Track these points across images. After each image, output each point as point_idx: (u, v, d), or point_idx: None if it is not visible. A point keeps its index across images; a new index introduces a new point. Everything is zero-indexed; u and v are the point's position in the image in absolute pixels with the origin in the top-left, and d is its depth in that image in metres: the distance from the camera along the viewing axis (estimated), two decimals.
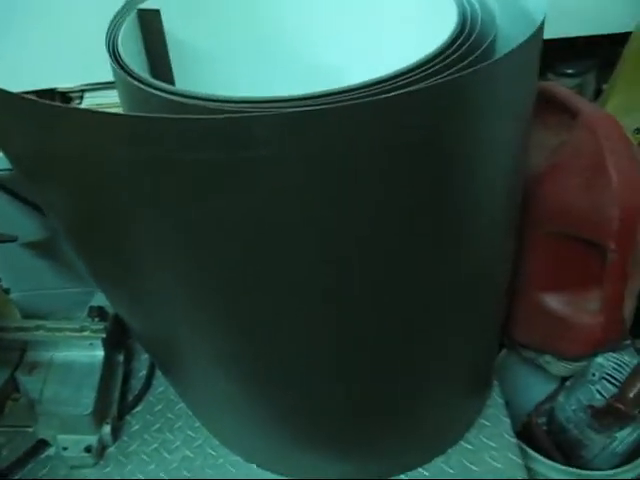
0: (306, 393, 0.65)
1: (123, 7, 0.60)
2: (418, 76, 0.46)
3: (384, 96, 0.40)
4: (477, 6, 0.55)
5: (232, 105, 0.44)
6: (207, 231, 0.47)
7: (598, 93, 0.97)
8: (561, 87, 0.76)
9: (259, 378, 0.64)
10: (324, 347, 0.58)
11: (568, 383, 0.84)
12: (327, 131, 0.40)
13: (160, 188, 0.44)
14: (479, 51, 0.49)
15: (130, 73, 0.51)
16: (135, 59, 0.58)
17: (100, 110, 0.39)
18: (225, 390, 0.67)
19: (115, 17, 0.59)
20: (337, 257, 0.49)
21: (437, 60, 0.48)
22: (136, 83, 0.49)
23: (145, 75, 0.50)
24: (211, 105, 0.45)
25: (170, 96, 0.47)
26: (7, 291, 0.92)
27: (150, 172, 0.43)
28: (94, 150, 0.42)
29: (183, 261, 0.51)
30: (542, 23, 0.49)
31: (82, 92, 0.92)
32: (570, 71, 0.93)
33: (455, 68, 0.47)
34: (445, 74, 0.46)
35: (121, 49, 0.54)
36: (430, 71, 0.47)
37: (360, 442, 0.72)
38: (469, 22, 0.53)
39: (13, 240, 0.92)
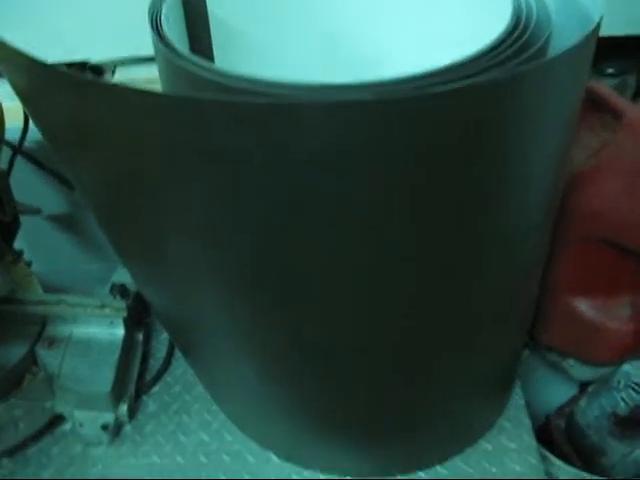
0: (329, 385, 0.64)
1: None
2: (471, 71, 0.45)
3: (439, 90, 0.39)
4: (532, 1, 0.53)
5: (280, 90, 0.43)
6: (239, 214, 0.46)
7: (637, 95, 0.95)
8: (604, 87, 0.75)
9: (282, 365, 0.63)
10: (351, 339, 0.57)
11: (591, 388, 0.83)
12: (372, 123, 0.39)
13: (195, 170, 0.43)
14: (533, 49, 0.47)
15: (174, 50, 0.50)
16: (176, 39, 0.57)
17: (141, 88, 0.38)
18: (245, 375, 0.66)
19: None
20: (372, 250, 0.48)
21: (489, 56, 0.47)
22: (179, 61, 0.48)
23: (189, 53, 0.49)
24: (259, 89, 0.43)
25: (215, 77, 0.45)
26: (29, 264, 0.91)
27: (186, 153, 0.42)
28: (130, 127, 0.41)
29: (212, 242, 0.50)
30: (599, 22, 0.47)
31: (114, 66, 0.91)
32: (610, 70, 0.91)
33: (508, 65, 0.45)
34: (497, 71, 0.45)
35: (165, 26, 0.53)
36: (483, 66, 0.45)
37: (379, 437, 0.71)
38: (524, 17, 0.51)
39: (37, 212, 0.92)
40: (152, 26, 0.53)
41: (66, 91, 0.41)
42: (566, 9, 0.55)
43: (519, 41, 0.48)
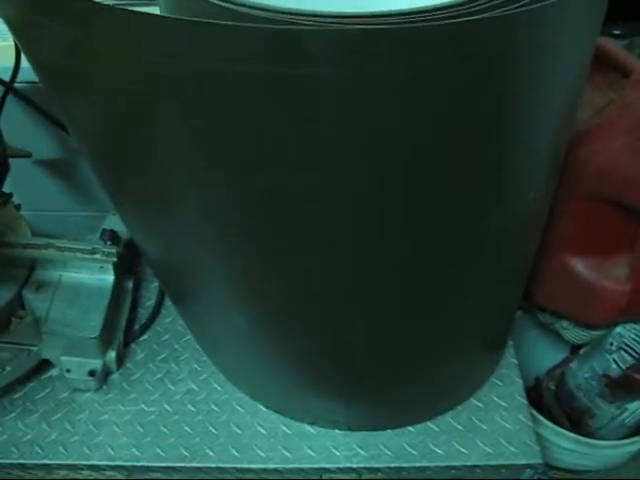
0: (320, 335, 0.63)
1: None
2: (485, 5, 0.43)
3: (451, 21, 0.38)
4: None
5: (284, 16, 0.41)
6: (237, 151, 0.44)
7: None
8: (613, 44, 0.73)
9: (273, 314, 0.62)
10: (343, 288, 0.56)
11: (583, 351, 0.83)
12: (381, 54, 0.37)
13: (193, 102, 0.41)
14: None
15: None
16: None
17: (140, 11, 0.36)
18: (237, 324, 0.65)
19: None
20: (368, 189, 0.47)
21: None
22: None
23: None
24: (262, 14, 0.42)
25: (218, 1, 0.44)
26: (18, 207, 0.90)
27: (184, 84, 0.40)
28: (128, 55, 0.40)
29: (208, 183, 0.49)
30: None
31: None
32: (618, 32, 0.90)
33: (524, 2, 0.44)
34: (515, 6, 0.43)
35: None
36: (499, 1, 0.44)
37: (371, 390, 0.71)
38: None
39: (27, 156, 0.89)
40: None
41: (64, 17, 0.39)
42: None
43: None
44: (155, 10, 0.56)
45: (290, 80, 0.39)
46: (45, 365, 0.80)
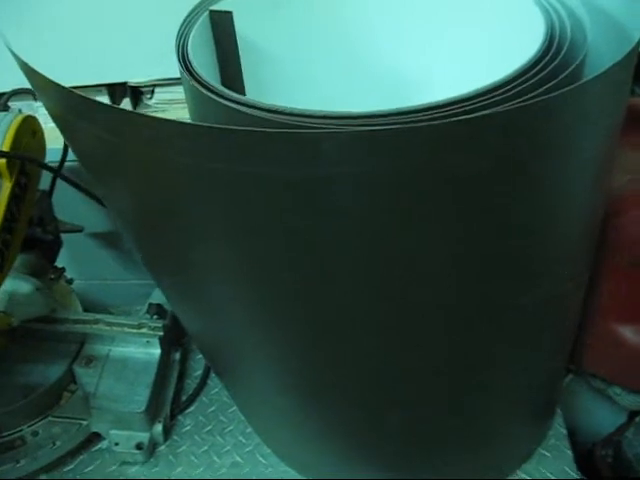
0: (365, 413, 0.62)
1: (195, 7, 0.59)
2: (501, 96, 0.43)
3: (462, 117, 0.38)
4: (566, 20, 0.51)
5: (302, 120, 0.42)
6: (269, 243, 0.45)
7: None
8: None
9: (316, 393, 0.62)
10: (387, 368, 0.56)
11: (638, 418, 0.79)
12: (400, 152, 0.38)
13: (221, 198, 0.43)
14: (567, 71, 0.45)
15: (199, 80, 0.50)
16: (205, 61, 0.57)
17: (167, 119, 0.38)
18: (279, 402, 0.66)
19: (187, 18, 0.58)
20: (402, 280, 0.47)
21: (522, 79, 0.45)
22: (203, 90, 0.48)
23: (213, 82, 0.49)
24: (280, 118, 0.43)
25: (239, 106, 0.45)
26: (70, 281, 0.93)
27: (212, 182, 0.41)
28: (158, 156, 0.41)
29: (244, 270, 0.49)
30: (638, 41, 0.45)
31: (153, 87, 0.92)
32: None
33: (542, 89, 0.43)
34: (530, 95, 0.43)
35: (191, 54, 0.53)
36: (514, 92, 0.43)
37: (416, 464, 0.70)
38: (557, 38, 0.49)
39: (79, 230, 0.93)
40: (178, 54, 0.53)
41: (98, 120, 0.42)
42: (602, 25, 0.53)
43: (552, 63, 0.47)
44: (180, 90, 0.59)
45: (308, 180, 0.39)
46: (95, 437, 0.82)
